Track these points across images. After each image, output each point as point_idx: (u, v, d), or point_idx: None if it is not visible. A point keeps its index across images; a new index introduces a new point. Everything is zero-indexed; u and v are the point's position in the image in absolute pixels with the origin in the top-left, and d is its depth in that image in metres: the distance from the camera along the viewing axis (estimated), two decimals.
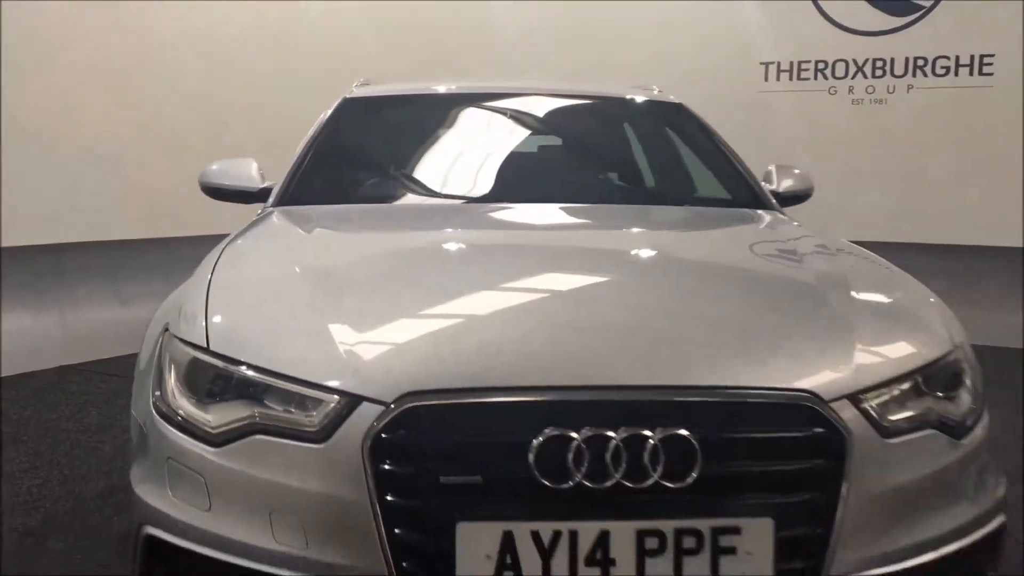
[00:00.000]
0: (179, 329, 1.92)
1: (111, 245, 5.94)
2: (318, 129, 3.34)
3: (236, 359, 1.77)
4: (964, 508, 1.82)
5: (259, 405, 1.72)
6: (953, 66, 6.94)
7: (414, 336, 1.81)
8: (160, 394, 1.87)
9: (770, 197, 3.16)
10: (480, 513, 1.58)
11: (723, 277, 2.33)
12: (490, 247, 2.56)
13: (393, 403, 1.59)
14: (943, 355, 1.89)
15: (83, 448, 3.72)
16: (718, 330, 1.89)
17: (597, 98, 3.80)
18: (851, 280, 2.17)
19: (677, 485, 1.58)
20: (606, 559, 1.58)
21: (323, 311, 1.87)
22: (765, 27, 7.50)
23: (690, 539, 1.59)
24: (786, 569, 1.62)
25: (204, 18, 6.63)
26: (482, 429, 1.62)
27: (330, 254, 2.39)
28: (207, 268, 2.18)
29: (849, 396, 1.69)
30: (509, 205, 2.93)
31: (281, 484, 1.65)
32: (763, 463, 1.65)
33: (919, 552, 1.73)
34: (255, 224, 2.71)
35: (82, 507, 3.11)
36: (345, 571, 1.61)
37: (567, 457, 1.57)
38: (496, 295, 2.06)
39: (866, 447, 1.66)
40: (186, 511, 1.74)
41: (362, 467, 1.58)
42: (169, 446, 1.79)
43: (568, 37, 7.90)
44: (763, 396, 1.67)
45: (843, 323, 1.91)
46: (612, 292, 2.11)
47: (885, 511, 1.69)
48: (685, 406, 1.64)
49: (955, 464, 1.81)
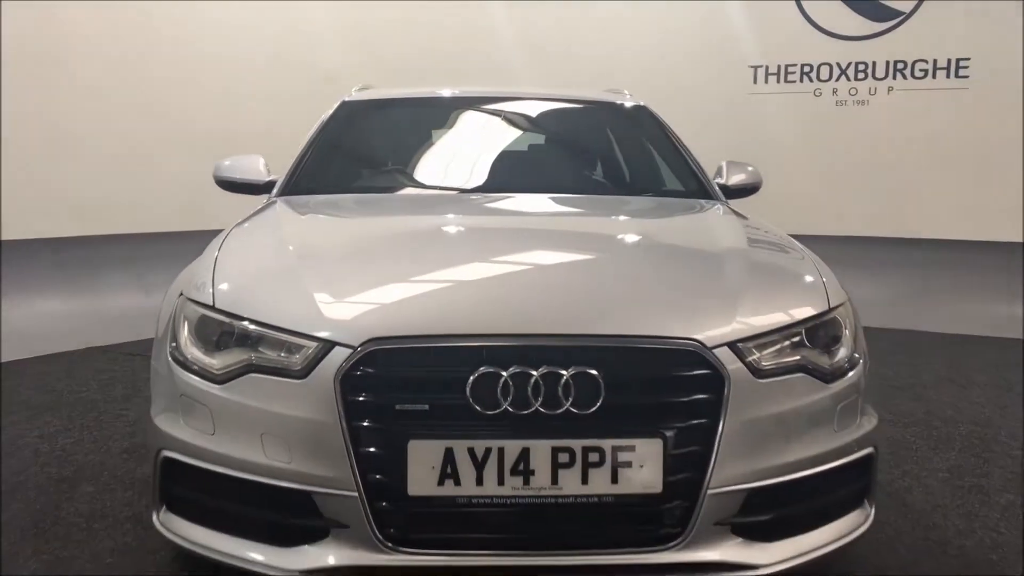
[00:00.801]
0: (191, 293, 2.34)
1: (135, 237, 6.43)
2: (319, 128, 3.78)
3: (237, 315, 2.19)
4: (830, 439, 2.21)
5: (254, 351, 2.14)
6: (931, 69, 7.27)
7: (376, 295, 2.24)
8: (176, 345, 2.29)
9: (715, 188, 3.56)
10: (427, 433, 1.98)
11: (644, 250, 2.77)
12: (450, 225, 2.99)
13: (359, 347, 2.00)
14: (818, 314, 2.29)
15: (110, 415, 4.16)
16: (627, 290, 2.31)
17: (572, 101, 4.23)
18: (750, 253, 2.59)
19: (584, 412, 1.98)
20: (527, 470, 1.98)
21: (306, 277, 2.29)
22: (754, 32, 7.85)
23: (594, 455, 1.99)
24: (673, 480, 2.01)
25: (227, 22, 7.10)
26: (429, 367, 2.03)
27: (317, 233, 2.84)
28: (215, 245, 2.60)
29: (728, 344, 2.08)
30: (486, 194, 3.36)
31: (270, 412, 2.06)
32: (656, 396, 2.04)
33: (787, 471, 2.13)
34: (259, 211, 3.13)
35: (109, 460, 3.54)
36: (321, 480, 2.02)
37: (496, 389, 1.97)
38: (448, 262, 2.50)
39: (741, 385, 2.05)
40: (195, 436, 2.16)
41: (334, 398, 1.99)
42: (182, 385, 2.21)
43: (567, 41, 8.27)
44: (658, 343, 2.07)
45: (732, 286, 2.32)
46: (545, 260, 2.54)
47: (757, 437, 2.08)
48: (593, 350, 2.04)
49: (821, 402, 2.20)
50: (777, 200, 7.55)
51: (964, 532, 2.97)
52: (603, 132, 4.11)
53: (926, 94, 7.27)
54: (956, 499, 3.27)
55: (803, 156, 7.74)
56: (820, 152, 7.67)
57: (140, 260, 6.37)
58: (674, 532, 2.04)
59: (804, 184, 7.74)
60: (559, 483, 1.99)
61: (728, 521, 2.07)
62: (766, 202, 7.46)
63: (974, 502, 3.24)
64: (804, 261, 2.61)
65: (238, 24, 7.22)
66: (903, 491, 3.35)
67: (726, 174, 3.72)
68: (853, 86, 7.53)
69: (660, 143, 3.86)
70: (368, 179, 3.73)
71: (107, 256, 6.33)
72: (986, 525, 3.03)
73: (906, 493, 3.33)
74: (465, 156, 3.79)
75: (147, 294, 6.21)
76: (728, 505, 2.07)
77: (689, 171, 3.66)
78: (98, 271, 6.31)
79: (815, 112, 7.66)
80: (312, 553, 2.05)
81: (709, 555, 2.07)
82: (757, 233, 2.91)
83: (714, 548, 2.07)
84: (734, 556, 2.09)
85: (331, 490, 2.00)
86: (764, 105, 7.87)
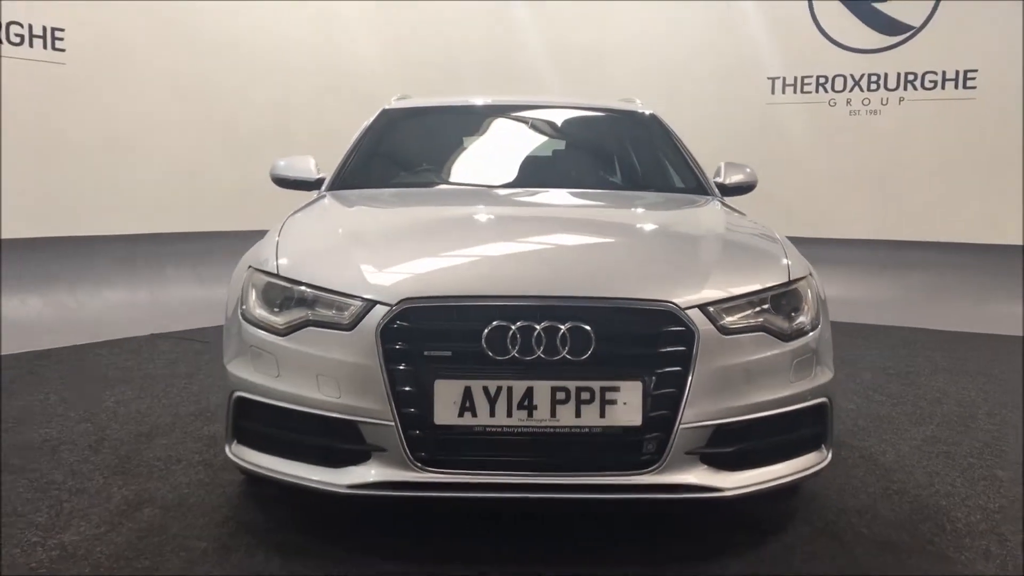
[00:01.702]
0: (259, 265, 2.84)
1: (193, 236, 7.03)
2: (361, 133, 4.29)
3: (296, 280, 2.68)
4: (786, 387, 2.64)
5: (311, 309, 2.62)
6: (940, 80, 7.65)
7: (409, 265, 2.73)
8: (246, 307, 2.79)
9: (712, 186, 4.01)
10: (449, 374, 2.44)
11: (636, 231, 3.28)
12: (472, 211, 3.47)
13: (395, 305, 2.48)
14: (779, 285, 2.73)
15: (176, 387, 4.68)
16: (618, 261, 2.81)
17: (591, 109, 4.71)
18: (726, 235, 3.06)
19: (578, 359, 2.43)
20: (531, 405, 2.44)
21: (353, 251, 2.79)
22: (772, 45, 8.27)
23: (586, 393, 2.44)
24: (651, 416, 2.46)
25: (273, 37, 7.70)
26: (451, 321, 2.49)
27: (361, 218, 3.35)
28: (276, 230, 3.10)
29: (699, 306, 2.52)
30: (510, 188, 3.85)
31: (324, 357, 2.54)
32: (638, 347, 2.49)
33: (748, 411, 2.56)
34: (311, 203, 3.64)
35: (180, 421, 4.06)
36: (364, 412, 2.49)
37: (506, 340, 2.43)
38: (468, 240, 3.02)
39: (708, 339, 2.50)
40: (263, 378, 2.65)
41: (375, 346, 2.46)
42: (251, 338, 2.71)
43: (601, 59, 8.78)
44: (640, 303, 2.52)
45: (705, 260, 2.80)
46: (551, 238, 3.04)
47: (722, 382, 2.52)
48: (586, 309, 2.49)
49: (779, 357, 2.63)
50: (792, 204, 8.03)
51: (923, 485, 3.38)
52: (617, 137, 4.58)
53: (935, 104, 7.66)
54: (923, 461, 3.67)
55: (818, 162, 8.16)
56: (834, 159, 8.08)
57: (197, 255, 6.95)
58: (652, 458, 2.48)
59: (819, 189, 8.15)
60: (557, 416, 2.44)
61: (697, 451, 2.51)
62: (782, 205, 7.93)
63: (938, 464, 3.64)
64: (774, 244, 3.04)
65: (285, 36, 7.82)
66: (877, 454, 3.76)
67: (724, 174, 4.15)
68: (866, 96, 7.94)
69: (667, 146, 4.31)
70: (405, 177, 4.24)
71: (168, 252, 6.92)
72: (944, 480, 3.43)
73: (880, 456, 3.74)
74: (493, 157, 4.29)
75: (203, 286, 6.80)
76: (697, 438, 2.51)
77: (690, 171, 4.11)
78: (160, 265, 6.90)
79: (830, 121, 8.07)
80: (357, 472, 2.53)
81: (681, 478, 2.51)
82: (738, 221, 3.36)
83: (686, 473, 2.51)
84: (702, 480, 2.52)
85: (372, 420, 2.48)
86: (781, 114, 8.29)
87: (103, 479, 3.28)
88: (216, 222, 7.10)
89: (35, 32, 6.12)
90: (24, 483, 3.23)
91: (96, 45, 6.48)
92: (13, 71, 6.03)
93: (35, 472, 3.34)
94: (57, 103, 6.32)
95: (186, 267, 7.02)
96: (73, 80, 6.36)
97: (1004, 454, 3.79)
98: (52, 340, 5.66)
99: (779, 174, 7.88)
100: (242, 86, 7.51)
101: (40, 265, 6.32)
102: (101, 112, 6.56)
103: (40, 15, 6.14)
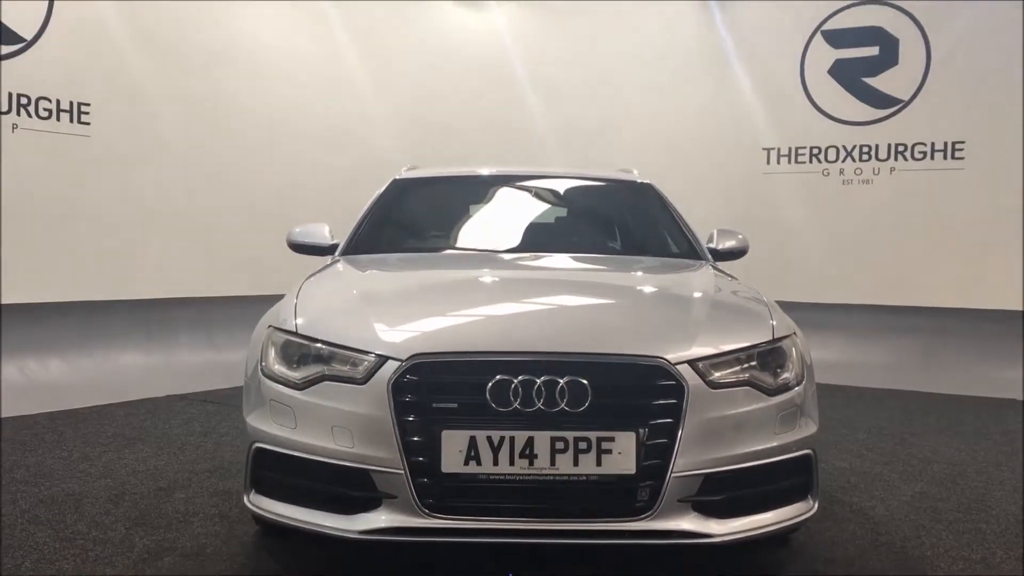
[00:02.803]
0: (278, 324, 3.04)
1: (206, 301, 7.26)
2: (373, 201, 4.54)
3: (314, 338, 2.88)
4: (771, 439, 2.81)
5: (327, 365, 2.81)
6: (929, 151, 7.93)
7: (418, 324, 2.93)
8: (265, 363, 2.98)
9: (705, 251, 4.22)
10: (455, 425, 2.62)
11: (630, 292, 3.49)
12: (477, 274, 3.69)
13: (406, 360, 2.67)
14: (763, 343, 2.91)
15: (192, 445, 4.85)
16: (612, 320, 3.01)
17: (590, 179, 4.97)
18: (715, 296, 3.26)
19: (576, 411, 2.61)
20: (532, 454, 2.61)
21: (366, 310, 2.99)
22: (766, 118, 8.60)
23: (583, 443, 2.61)
24: (645, 465, 2.62)
25: (286, 106, 8.05)
26: (458, 376, 2.68)
27: (373, 281, 3.57)
28: (293, 292, 3.31)
29: (688, 362, 2.71)
30: (513, 254, 4.07)
31: (339, 409, 2.72)
32: (631, 399, 2.67)
33: (736, 461, 2.72)
34: (326, 267, 3.86)
35: (196, 476, 4.22)
36: (376, 461, 2.66)
37: (509, 392, 2.61)
38: (472, 300, 3.22)
39: (697, 393, 2.67)
40: (281, 430, 2.83)
41: (387, 398, 2.64)
42: (270, 392, 2.89)
43: (604, 130, 9.13)
44: (634, 359, 2.70)
45: (694, 319, 3.00)
46: (550, 298, 3.26)
47: (711, 433, 2.69)
48: (583, 364, 2.67)
49: (765, 411, 2.80)
50: (788, 269, 8.25)
51: (909, 538, 3.51)
52: (614, 205, 4.83)
53: (926, 174, 7.93)
54: (911, 516, 3.81)
55: (813, 230, 8.40)
56: (829, 226, 8.33)
57: (211, 321, 7.18)
58: (646, 505, 2.63)
59: (814, 255, 8.37)
60: (556, 465, 2.61)
61: (689, 499, 2.67)
62: (778, 271, 8.16)
63: (926, 519, 3.77)
64: (761, 305, 3.24)
65: (297, 105, 8.16)
66: (867, 509, 3.89)
67: (717, 240, 4.37)
68: (858, 166, 8.21)
69: (662, 214, 4.54)
70: (415, 243, 4.47)
71: (182, 316, 7.15)
72: (931, 534, 3.57)
73: (870, 510, 3.87)
74: (498, 224, 4.53)
75: (216, 350, 7.00)
76: (689, 486, 2.67)
77: (684, 237, 4.33)
78: (174, 330, 7.12)
79: (824, 190, 8.34)
80: (368, 518, 2.69)
81: (673, 525, 2.66)
82: (727, 284, 3.57)
83: (678, 520, 2.66)
84: (694, 526, 2.68)
85: (383, 468, 2.64)
86: (776, 183, 8.56)
87: (125, 529, 3.44)
88: (228, 287, 7.35)
89: (63, 107, 6.44)
90: (50, 533, 3.38)
91: (119, 118, 6.80)
92: (40, 144, 6.33)
93: (60, 524, 3.50)
94: (81, 172, 6.60)
95: (201, 331, 7.24)
96: (95, 151, 6.65)
97: (989, 509, 3.92)
98: (72, 401, 5.85)
99: (775, 240, 8.14)
100: (254, 153, 7.80)
101: (59, 329, 6.54)
102: (121, 181, 6.85)
103: (68, 91, 6.46)
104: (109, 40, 6.72)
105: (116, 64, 6.77)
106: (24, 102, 6.23)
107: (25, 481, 4.08)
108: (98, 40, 6.66)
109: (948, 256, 7.83)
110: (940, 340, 7.84)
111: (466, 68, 9.11)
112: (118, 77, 6.79)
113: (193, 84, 7.34)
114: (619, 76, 9.13)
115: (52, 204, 6.45)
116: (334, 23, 8.40)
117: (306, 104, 8.22)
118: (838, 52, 8.25)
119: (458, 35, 9.19)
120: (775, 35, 8.57)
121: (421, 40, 8.96)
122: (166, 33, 7.12)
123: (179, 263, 7.20)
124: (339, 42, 8.49)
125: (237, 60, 7.66)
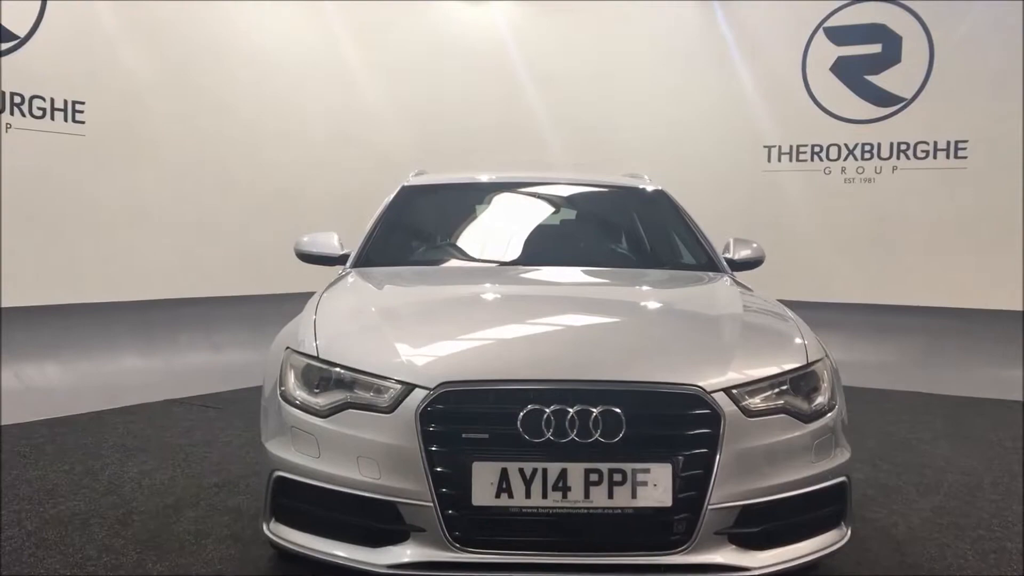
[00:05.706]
0: (297, 347, 2.95)
1: (206, 301, 7.14)
2: (383, 209, 4.43)
3: (336, 363, 2.79)
4: (808, 467, 2.75)
5: (350, 391, 2.73)
6: (932, 150, 7.89)
7: (445, 349, 2.84)
8: (285, 388, 2.89)
9: (722, 262, 4.15)
10: (486, 456, 2.54)
11: (659, 313, 3.42)
12: (504, 291, 3.61)
13: (434, 388, 2.59)
14: (798, 367, 2.85)
15: (195, 456, 4.75)
16: (645, 346, 2.91)
17: (599, 185, 4.88)
18: (745, 316, 3.19)
19: (610, 441, 2.53)
20: (565, 487, 2.53)
21: (391, 334, 2.90)
22: (768, 116, 8.53)
23: (618, 475, 2.54)
24: (681, 497, 2.55)
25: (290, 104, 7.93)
26: (488, 405, 2.60)
27: (393, 299, 3.46)
28: (311, 310, 3.22)
29: (724, 390, 2.64)
30: (527, 266, 3.98)
31: (364, 439, 2.64)
32: (667, 429, 2.60)
33: (773, 492, 2.66)
34: (339, 280, 3.76)
35: (204, 492, 4.12)
36: (403, 493, 2.58)
37: (541, 423, 2.53)
38: (501, 323, 3.12)
39: (734, 422, 2.61)
40: (304, 459, 2.74)
41: (415, 428, 2.56)
42: (291, 419, 2.80)
43: (609, 127, 9.05)
44: (668, 388, 2.63)
45: (728, 343, 2.91)
46: (578, 322, 3.17)
47: (748, 463, 2.63)
48: (617, 393, 2.60)
49: (801, 439, 2.74)
50: (790, 269, 8.19)
51: (935, 558, 3.47)
52: (626, 213, 4.74)
53: (928, 173, 7.88)
54: (934, 534, 3.76)
55: (815, 228, 8.36)
56: (830, 225, 8.28)
57: (211, 321, 7.07)
58: (682, 539, 2.57)
59: (815, 254, 8.33)
60: (590, 497, 2.53)
61: (726, 531, 2.61)
62: (780, 270, 8.10)
63: (949, 536, 3.73)
64: (790, 324, 3.17)
65: (301, 104, 8.04)
66: (889, 526, 3.85)
67: (733, 249, 4.30)
68: (860, 165, 8.16)
69: (676, 223, 4.47)
70: (428, 253, 4.37)
71: (182, 317, 7.03)
72: (956, 553, 3.53)
73: (892, 527, 3.83)
74: (511, 233, 4.42)
75: (216, 351, 6.89)
76: (725, 518, 2.60)
77: (700, 247, 4.26)
78: (174, 331, 7.00)
79: (825, 188, 8.29)
80: (395, 552, 2.61)
81: (710, 558, 2.60)
82: (753, 301, 3.49)
83: (714, 553, 2.60)
84: (730, 560, 2.61)
85: (411, 500, 2.56)
86: (778, 181, 8.50)
87: (136, 554, 3.35)
88: (229, 287, 7.22)
89: (57, 106, 6.29)
90: (59, 559, 3.29)
91: (115, 116, 6.65)
92: (34, 143, 6.18)
93: (69, 547, 3.41)
94: (77, 172, 6.46)
95: (201, 332, 7.12)
96: (91, 149, 6.51)
97: (1011, 525, 3.89)
98: (69, 407, 5.73)
99: (775, 238, 8.05)
100: (253, 150, 7.68)
101: (56, 331, 6.40)
102: (118, 180, 6.71)
103: (62, 89, 6.31)
104: (104, 36, 6.57)
105: (111, 61, 6.63)
106: (18, 101, 6.08)
107: (29, 499, 3.98)
108: (93, 37, 6.51)
109: (949, 255, 7.80)
110: (940, 340, 7.81)
111: (468, 67, 9.01)
112: (114, 74, 6.64)
113: (191, 81, 7.20)
114: (621, 74, 9.03)
115: (47, 205, 6.30)
116: (333, 19, 8.30)
117: (304, 101, 8.10)
118: (840, 49, 8.18)
119: (461, 33, 9.09)
120: (777, 32, 8.49)
121: (424, 37, 8.87)
122: (163, 28, 6.97)
123: (180, 263, 7.07)
124: (338, 38, 8.37)
125: (235, 56, 7.52)
